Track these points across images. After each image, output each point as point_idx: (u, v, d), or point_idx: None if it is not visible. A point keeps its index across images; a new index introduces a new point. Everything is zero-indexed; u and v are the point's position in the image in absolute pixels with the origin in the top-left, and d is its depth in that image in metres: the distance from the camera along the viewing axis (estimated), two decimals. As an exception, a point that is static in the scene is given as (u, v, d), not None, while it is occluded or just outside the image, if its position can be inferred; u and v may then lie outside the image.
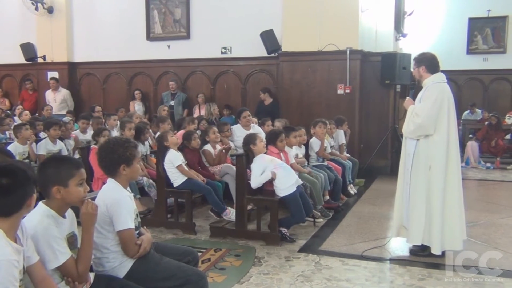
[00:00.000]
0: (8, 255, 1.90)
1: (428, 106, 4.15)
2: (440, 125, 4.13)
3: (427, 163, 4.15)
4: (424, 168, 4.16)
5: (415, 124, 4.18)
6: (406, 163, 4.30)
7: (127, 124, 6.12)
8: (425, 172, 4.15)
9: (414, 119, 4.20)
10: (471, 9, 12.71)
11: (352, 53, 8.20)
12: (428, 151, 4.16)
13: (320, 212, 5.61)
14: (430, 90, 4.23)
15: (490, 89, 12.91)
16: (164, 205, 5.32)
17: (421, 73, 4.35)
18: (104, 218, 2.57)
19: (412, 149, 4.23)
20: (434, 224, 4.13)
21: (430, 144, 4.15)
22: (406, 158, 4.32)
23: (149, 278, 2.62)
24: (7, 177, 1.96)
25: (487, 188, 7.98)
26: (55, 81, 10.43)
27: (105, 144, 2.82)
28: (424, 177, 4.16)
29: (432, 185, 4.14)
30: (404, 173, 4.34)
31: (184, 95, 9.91)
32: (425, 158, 4.16)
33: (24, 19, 10.87)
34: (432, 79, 4.29)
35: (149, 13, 10.17)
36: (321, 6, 8.30)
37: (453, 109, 4.26)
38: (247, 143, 5.06)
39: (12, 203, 1.98)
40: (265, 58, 9.21)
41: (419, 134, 4.19)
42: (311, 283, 3.74)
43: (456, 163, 4.22)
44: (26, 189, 2.02)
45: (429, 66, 4.32)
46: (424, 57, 4.39)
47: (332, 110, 8.15)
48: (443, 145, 4.13)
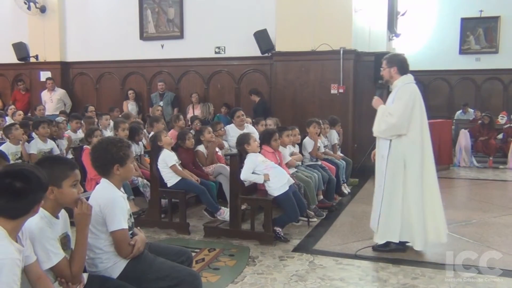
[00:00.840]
0: (12, 253, 1.91)
1: (402, 106, 4.23)
2: (413, 124, 4.23)
3: (402, 163, 4.23)
4: (399, 168, 4.23)
5: (388, 123, 4.25)
6: (381, 166, 4.34)
7: (120, 124, 6.10)
8: (401, 172, 4.23)
9: (387, 119, 4.27)
10: (463, 9, 12.78)
11: (346, 53, 8.22)
12: (402, 151, 4.24)
13: (314, 211, 5.62)
14: (402, 91, 4.31)
15: (483, 89, 12.99)
16: (158, 205, 5.31)
17: (392, 74, 4.41)
18: (97, 219, 2.56)
19: (386, 151, 4.29)
20: (415, 221, 4.21)
21: (404, 144, 4.24)
22: (380, 161, 4.37)
23: (143, 278, 2.61)
24: (21, 181, 1.97)
25: (480, 187, 8.03)
26: (52, 81, 10.38)
27: (98, 144, 2.81)
28: (400, 176, 4.23)
29: (409, 184, 4.23)
30: (377, 176, 4.42)
31: (173, 94, 9.89)
32: (400, 158, 4.24)
33: (17, 19, 10.79)
34: (402, 80, 4.38)
35: (143, 13, 10.14)
36: (315, 6, 8.31)
37: (424, 109, 4.36)
38: (241, 143, 5.06)
39: (22, 207, 1.99)
40: (259, 58, 9.21)
41: (392, 133, 4.26)
42: (305, 283, 3.75)
43: (431, 160, 4.34)
44: (37, 195, 2.03)
45: (400, 68, 4.40)
46: (396, 59, 4.47)
47: (325, 110, 8.16)
48: (417, 145, 4.25)
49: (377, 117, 4.39)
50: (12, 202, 1.95)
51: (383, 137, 4.33)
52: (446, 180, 8.44)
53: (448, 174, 8.97)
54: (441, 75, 13.21)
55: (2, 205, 1.95)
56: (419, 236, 4.24)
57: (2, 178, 1.96)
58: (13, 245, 1.95)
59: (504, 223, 5.47)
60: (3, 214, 1.97)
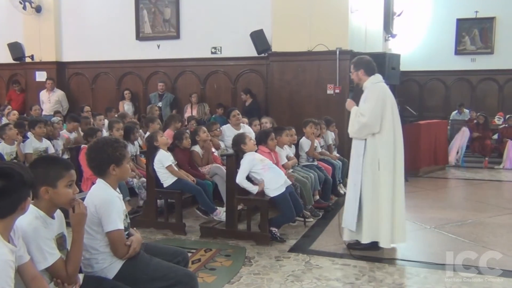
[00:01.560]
0: (5, 255, 1.90)
1: (372, 105, 4.33)
2: (385, 123, 4.31)
3: (377, 162, 4.31)
4: (374, 167, 4.32)
5: (360, 123, 4.35)
6: (357, 165, 4.42)
7: (115, 125, 6.08)
8: (374, 171, 4.31)
9: (359, 119, 4.37)
10: (459, 10, 12.81)
11: (342, 54, 8.22)
12: (376, 150, 4.32)
13: (310, 211, 5.62)
14: (371, 91, 4.41)
15: (478, 89, 13.03)
16: (154, 206, 5.30)
17: (360, 76, 4.51)
18: (92, 219, 2.56)
19: (362, 151, 4.38)
20: (385, 219, 4.29)
21: (377, 143, 4.33)
22: (356, 160, 4.46)
23: (139, 279, 2.61)
24: (2, 180, 1.96)
25: (475, 187, 8.06)
26: (52, 82, 10.36)
27: (94, 144, 2.80)
28: (373, 176, 4.32)
29: (381, 183, 4.30)
30: (352, 175, 4.49)
31: (172, 96, 9.88)
32: (375, 158, 4.32)
33: (12, 18, 10.72)
34: (371, 80, 4.48)
35: (139, 13, 10.11)
36: (311, 7, 8.31)
37: (395, 107, 4.46)
38: (236, 143, 5.06)
39: (7, 205, 1.97)
40: (255, 58, 9.20)
41: (365, 133, 4.36)
42: (301, 283, 3.75)
43: (401, 160, 4.41)
44: (21, 193, 2.01)
45: (367, 69, 4.50)
46: (362, 61, 4.56)
47: (322, 110, 8.17)
48: (390, 144, 4.33)
49: (350, 118, 4.52)
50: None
51: (358, 137, 4.43)
52: (442, 180, 8.48)
53: (444, 174, 9.00)
54: (436, 75, 13.24)
55: None
56: (387, 235, 4.31)
57: None
58: (5, 246, 1.94)
59: (499, 223, 5.50)
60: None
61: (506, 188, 8.19)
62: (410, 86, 13.26)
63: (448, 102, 13.11)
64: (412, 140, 8.65)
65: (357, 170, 4.41)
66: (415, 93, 13.29)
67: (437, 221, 5.51)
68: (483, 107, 12.04)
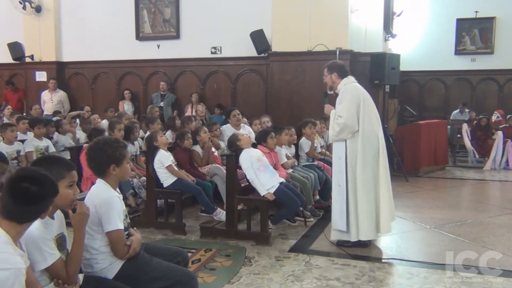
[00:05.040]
0: (19, 263, 1.86)
1: (346, 105, 4.43)
2: (363, 121, 4.39)
3: (359, 161, 4.37)
4: (358, 167, 4.37)
5: (339, 125, 4.44)
6: (339, 166, 4.50)
7: (116, 125, 6.06)
8: (356, 170, 4.37)
9: (337, 121, 4.46)
10: (459, 10, 12.80)
11: (342, 54, 8.21)
12: (357, 149, 4.39)
13: (310, 211, 5.62)
14: (344, 92, 4.51)
15: (478, 90, 13.02)
16: (154, 206, 5.30)
17: (333, 79, 4.63)
18: (93, 219, 2.56)
19: (343, 152, 4.46)
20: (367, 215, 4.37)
21: (358, 142, 4.39)
22: (337, 162, 4.53)
23: (138, 279, 2.61)
24: (37, 186, 1.94)
25: (475, 187, 8.06)
26: (55, 82, 10.37)
27: (94, 144, 2.79)
28: (356, 174, 4.37)
29: (364, 181, 4.37)
30: (335, 177, 4.57)
31: (174, 96, 9.88)
32: (355, 157, 4.38)
33: (12, 18, 10.73)
34: (343, 83, 4.60)
35: (139, 13, 10.11)
36: (311, 7, 8.31)
37: (372, 104, 4.54)
38: (232, 144, 5.13)
39: (35, 211, 1.97)
40: (255, 58, 9.20)
41: (346, 133, 4.43)
42: (301, 283, 3.75)
43: (384, 156, 4.48)
44: (51, 200, 2.01)
45: (340, 72, 4.63)
46: (335, 65, 4.72)
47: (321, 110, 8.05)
48: (373, 140, 4.42)
49: (330, 122, 4.62)
50: (27, 206, 1.92)
51: (339, 139, 4.48)
52: (442, 180, 8.48)
53: (444, 174, 9.00)
54: (436, 75, 13.24)
55: (15, 209, 1.91)
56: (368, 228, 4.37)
57: (18, 182, 1.92)
58: (18, 254, 1.91)
59: (499, 223, 5.50)
60: (13, 218, 1.92)
61: (506, 188, 8.18)
62: (410, 86, 13.26)
63: (448, 102, 13.10)
64: (412, 140, 8.68)
65: (340, 171, 4.49)
66: (415, 93, 13.29)
67: (437, 221, 5.52)
68: (483, 107, 12.04)
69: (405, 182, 7.85)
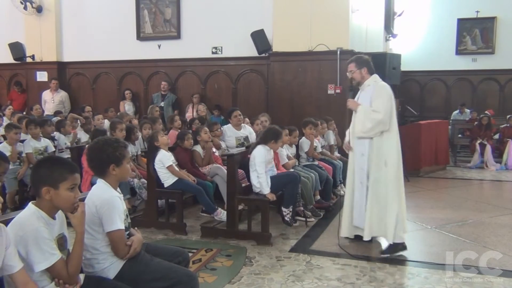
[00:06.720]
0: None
1: (385, 102, 4.35)
2: (392, 121, 4.35)
3: (383, 160, 4.33)
4: (381, 165, 4.34)
5: (374, 121, 4.33)
6: (360, 164, 4.45)
7: (118, 125, 6.05)
8: (381, 169, 4.34)
9: (373, 116, 4.34)
10: (460, 10, 12.80)
11: (343, 53, 8.21)
12: (382, 148, 4.35)
13: (311, 211, 5.62)
14: (380, 88, 4.42)
15: (479, 90, 13.01)
16: (154, 206, 5.30)
17: (363, 74, 4.51)
18: (93, 219, 2.56)
19: (366, 149, 4.40)
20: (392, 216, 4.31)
21: (384, 141, 4.36)
22: (359, 159, 4.47)
23: (139, 279, 2.61)
24: None
25: (476, 187, 8.05)
26: (57, 82, 10.38)
27: (95, 144, 2.80)
28: (380, 173, 4.34)
29: (389, 180, 4.33)
30: (357, 174, 4.49)
31: (174, 96, 9.88)
32: (381, 156, 4.35)
33: (13, 18, 10.73)
34: (374, 79, 4.52)
35: (139, 13, 10.11)
36: (312, 7, 8.30)
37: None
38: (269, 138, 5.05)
39: None
40: (256, 58, 9.20)
41: (378, 130, 4.35)
42: (302, 283, 3.75)
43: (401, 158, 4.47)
44: None
45: (369, 68, 4.54)
46: (364, 60, 4.58)
47: (322, 110, 8.16)
48: (396, 141, 4.38)
49: (358, 117, 4.47)
50: None
51: (368, 136, 4.39)
52: (443, 180, 8.47)
53: (445, 174, 8.99)
54: (437, 75, 13.23)
55: None
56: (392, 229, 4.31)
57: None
58: None
59: (500, 223, 5.49)
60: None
61: (506, 188, 8.17)
62: (410, 86, 13.25)
63: (449, 102, 13.10)
64: (413, 140, 8.65)
65: (362, 168, 4.43)
66: (415, 93, 13.29)
67: (438, 221, 5.51)
68: (484, 107, 12.03)
69: (406, 182, 7.77)
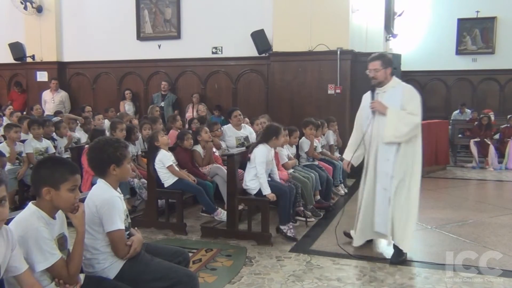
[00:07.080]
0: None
1: (419, 104, 4.14)
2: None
3: (409, 166, 4.14)
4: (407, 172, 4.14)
5: (412, 124, 4.06)
6: (385, 169, 4.18)
7: (118, 125, 6.04)
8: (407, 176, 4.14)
9: (410, 120, 4.06)
10: (460, 10, 12.81)
11: (343, 53, 8.22)
12: (408, 154, 4.14)
13: (311, 211, 5.62)
14: (409, 91, 4.20)
15: (479, 90, 13.02)
16: (154, 206, 5.30)
17: (387, 74, 4.25)
18: (93, 219, 2.56)
19: (392, 155, 4.13)
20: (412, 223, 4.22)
21: (411, 146, 4.15)
22: (382, 164, 4.20)
23: (139, 279, 2.61)
24: None
25: (476, 187, 8.06)
26: (57, 82, 10.39)
27: (95, 144, 2.79)
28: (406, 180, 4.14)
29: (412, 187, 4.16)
30: (380, 179, 4.24)
31: (174, 96, 9.88)
32: (407, 162, 4.14)
33: (13, 18, 10.74)
34: (397, 81, 4.32)
35: (140, 13, 10.12)
36: (312, 7, 8.31)
37: None
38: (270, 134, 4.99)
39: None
40: (256, 58, 9.21)
41: (412, 134, 4.12)
42: (302, 283, 3.75)
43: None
44: None
45: (393, 69, 4.33)
46: (390, 59, 4.34)
47: (322, 110, 8.17)
48: (420, 147, 4.21)
49: (391, 121, 4.09)
50: None
51: (399, 141, 4.11)
52: (443, 180, 8.47)
53: (445, 174, 8.99)
54: (437, 75, 13.23)
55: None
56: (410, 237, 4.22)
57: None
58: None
59: (500, 223, 5.49)
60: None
61: (507, 188, 8.18)
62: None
63: (449, 102, 13.10)
64: (413, 140, 8.64)
65: (387, 174, 4.16)
66: (416, 93, 13.26)
67: (438, 221, 5.51)
68: (484, 107, 12.01)
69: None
